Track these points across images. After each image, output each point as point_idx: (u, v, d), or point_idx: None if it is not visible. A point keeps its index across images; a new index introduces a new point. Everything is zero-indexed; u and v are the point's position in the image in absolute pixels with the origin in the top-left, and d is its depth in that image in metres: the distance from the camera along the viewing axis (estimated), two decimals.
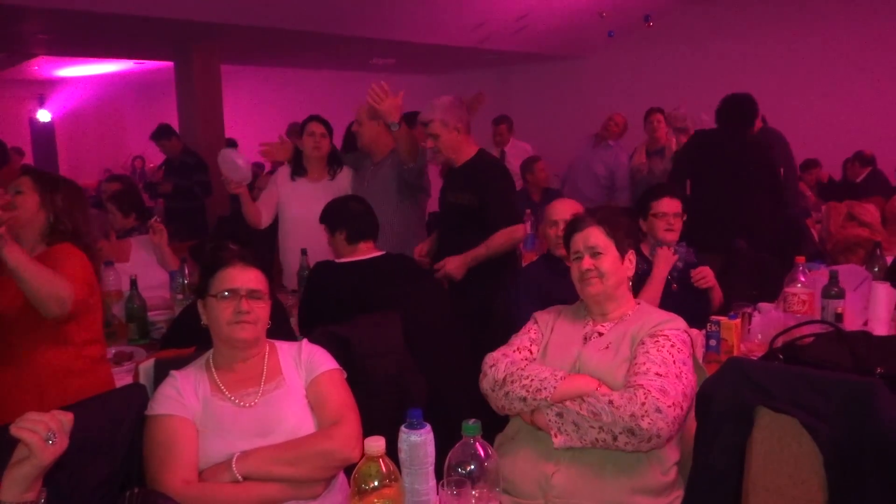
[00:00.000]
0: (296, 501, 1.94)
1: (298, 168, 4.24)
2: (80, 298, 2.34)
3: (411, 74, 11.29)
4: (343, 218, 3.28)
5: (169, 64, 8.73)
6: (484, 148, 3.80)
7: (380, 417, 2.20)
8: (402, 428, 1.67)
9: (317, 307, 3.13)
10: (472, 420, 1.52)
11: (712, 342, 2.86)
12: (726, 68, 8.56)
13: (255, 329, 2.05)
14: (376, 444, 1.41)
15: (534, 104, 10.67)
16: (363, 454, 1.51)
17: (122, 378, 2.78)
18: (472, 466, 1.49)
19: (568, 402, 2.04)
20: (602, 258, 2.26)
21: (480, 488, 1.42)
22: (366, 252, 3.23)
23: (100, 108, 14.87)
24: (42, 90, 14.28)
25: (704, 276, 3.24)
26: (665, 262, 3.19)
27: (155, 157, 11.63)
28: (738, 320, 2.88)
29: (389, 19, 7.82)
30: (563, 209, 3.06)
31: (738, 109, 4.64)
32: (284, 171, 4.32)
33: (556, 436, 2.02)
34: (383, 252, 3.27)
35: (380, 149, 4.09)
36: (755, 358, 2.57)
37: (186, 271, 3.61)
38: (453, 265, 3.49)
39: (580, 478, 2.03)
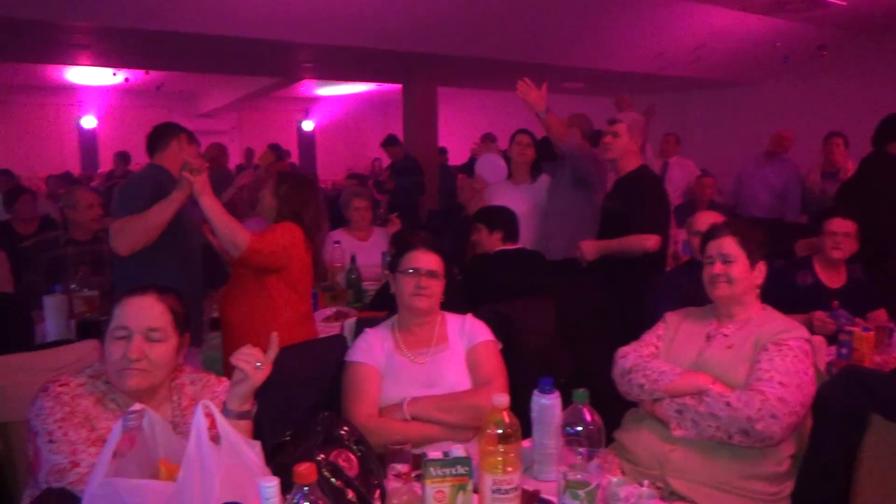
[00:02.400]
0: (451, 441, 2.05)
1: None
2: (255, 249, 2.52)
3: (596, 97, 11.05)
4: (501, 220, 3.54)
5: (397, 86, 9.23)
6: (647, 164, 3.70)
7: (527, 386, 2.25)
8: (535, 392, 1.73)
9: (475, 287, 3.29)
10: (582, 389, 1.54)
11: (843, 351, 2.62)
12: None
13: (430, 301, 2.17)
14: (503, 399, 1.48)
15: (707, 126, 10.08)
16: None
17: (334, 331, 3.05)
18: (579, 427, 1.51)
19: (687, 399, 1.95)
20: (732, 265, 2.15)
21: (587, 447, 1.44)
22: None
23: (347, 119, 15.93)
24: (306, 105, 15.54)
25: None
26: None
27: (387, 160, 12.38)
28: (872, 333, 2.60)
29: (580, 49, 7.75)
30: (705, 220, 2.93)
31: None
32: None
33: (675, 429, 1.96)
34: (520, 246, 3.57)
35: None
36: (886, 371, 2.33)
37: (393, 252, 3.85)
38: (588, 246, 3.46)
39: (696, 458, 1.95)
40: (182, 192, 2.60)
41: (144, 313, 1.60)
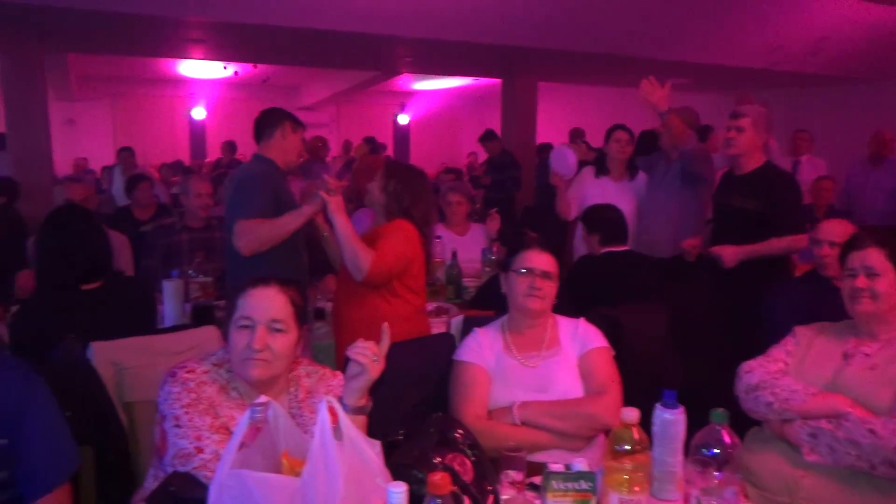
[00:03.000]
0: (560, 450, 1.98)
1: (602, 168, 4.25)
2: (378, 271, 2.50)
3: (703, 93, 10.60)
4: (599, 224, 3.41)
5: (497, 81, 9.16)
6: (771, 161, 3.49)
7: (637, 392, 2.15)
8: (658, 406, 1.63)
9: (580, 290, 3.19)
10: (721, 409, 1.43)
11: None
12: None
13: (542, 302, 2.11)
14: (632, 414, 1.40)
15: (826, 125, 9.45)
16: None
17: (436, 327, 3.03)
18: (716, 450, 1.40)
19: (823, 423, 1.80)
20: (878, 279, 1.96)
21: (723, 472, 1.34)
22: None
23: (441, 114, 15.99)
24: (403, 100, 15.73)
25: None
26: None
27: (484, 155, 12.34)
28: None
29: (686, 42, 7.42)
30: (834, 230, 2.69)
31: None
32: (590, 171, 4.35)
33: (807, 453, 1.81)
34: (628, 248, 3.43)
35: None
36: None
37: (494, 249, 3.80)
38: (729, 252, 3.22)
39: (832, 485, 1.79)
40: (313, 207, 2.63)
41: (268, 304, 1.61)
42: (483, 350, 2.12)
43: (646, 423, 1.52)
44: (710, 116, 4.27)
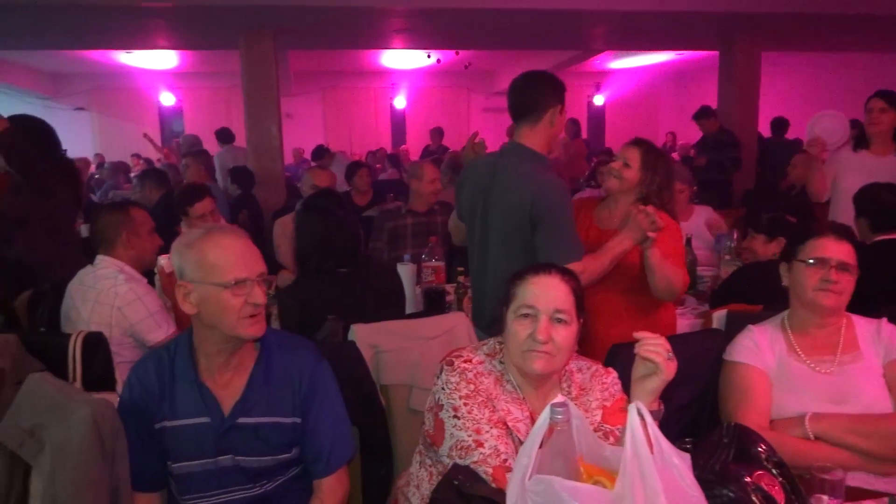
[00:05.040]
0: (862, 473, 1.69)
1: (861, 141, 3.73)
2: (686, 283, 2.35)
3: None
4: (870, 207, 2.94)
5: (704, 53, 8.45)
6: None
7: None
8: None
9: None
10: None
11: None
12: None
13: (838, 299, 1.81)
14: None
15: None
16: None
17: (681, 319, 2.80)
18: None
19: None
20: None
21: None
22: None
23: (639, 93, 15.25)
24: (598, 80, 15.23)
25: None
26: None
27: (684, 135, 11.56)
28: None
29: None
30: None
31: None
32: (848, 145, 3.84)
33: None
34: None
35: None
36: None
37: (735, 235, 3.46)
38: None
39: None
40: (632, 240, 2.19)
41: (552, 293, 1.50)
42: (762, 351, 1.87)
43: None
44: None
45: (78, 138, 11.69)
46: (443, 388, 1.52)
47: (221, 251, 1.52)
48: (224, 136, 7.87)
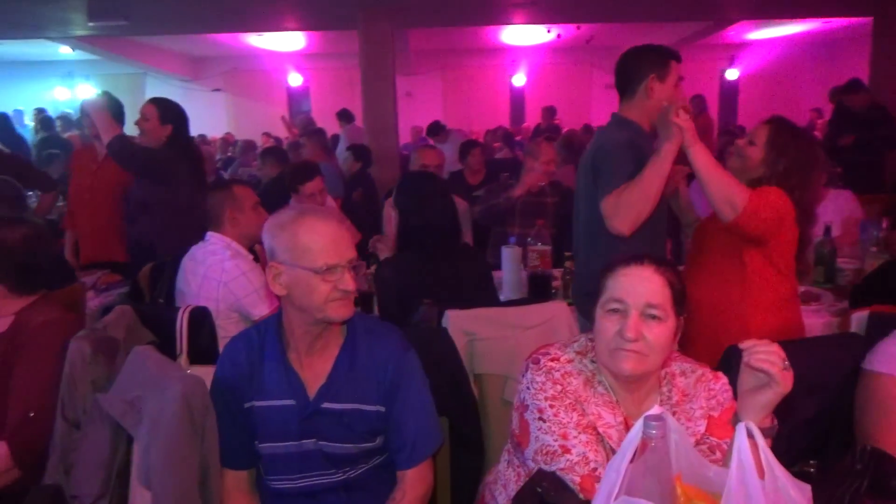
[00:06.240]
0: None
1: None
2: (753, 211, 2.04)
3: None
4: None
5: (855, 20, 7.60)
6: None
7: None
8: None
9: None
10: None
11: None
12: None
13: None
14: None
15: None
16: None
17: (815, 316, 2.53)
18: None
19: None
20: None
21: None
22: None
23: (778, 66, 14.10)
24: (732, 52, 14.21)
25: None
26: None
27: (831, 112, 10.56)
28: None
29: None
30: None
31: None
32: None
33: None
34: None
35: None
36: None
37: (885, 224, 3.07)
38: None
39: None
40: (673, 142, 2.10)
41: (643, 287, 1.35)
42: None
43: None
44: None
45: (213, 118, 12.44)
46: (528, 388, 1.41)
47: (313, 235, 1.48)
48: (345, 116, 8.06)
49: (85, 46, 10.97)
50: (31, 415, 1.81)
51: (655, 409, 1.09)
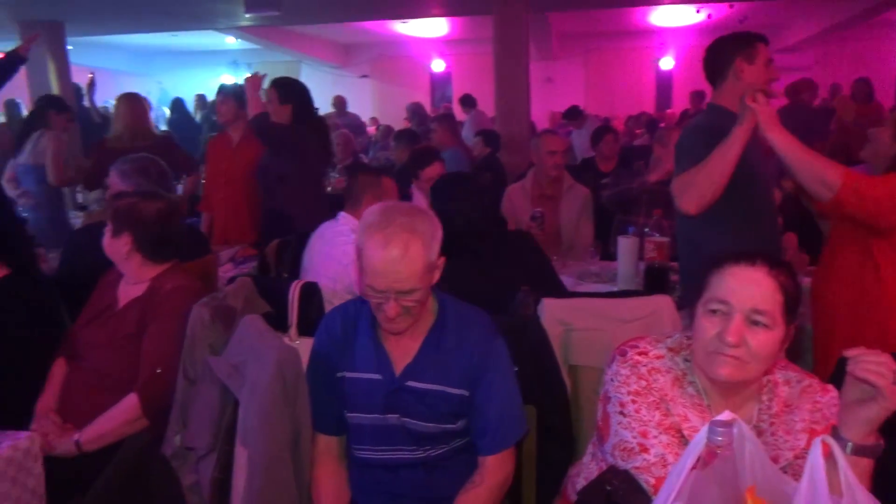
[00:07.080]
0: None
1: None
2: (853, 187, 1.89)
3: None
4: None
5: None
6: None
7: None
8: None
9: None
10: None
11: None
12: None
13: None
14: None
15: None
16: None
17: None
18: None
19: None
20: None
21: None
22: None
23: None
24: None
25: None
26: None
27: None
28: None
29: None
30: None
31: None
32: None
33: None
34: None
35: None
36: None
37: None
38: None
39: None
40: (744, 126, 2.03)
41: (751, 289, 1.23)
42: None
43: None
44: None
45: (360, 103, 12.97)
46: (612, 380, 1.36)
47: (372, 256, 1.47)
48: (468, 101, 8.10)
49: (247, 36, 11.84)
50: (159, 371, 2.01)
51: (725, 415, 1.02)
